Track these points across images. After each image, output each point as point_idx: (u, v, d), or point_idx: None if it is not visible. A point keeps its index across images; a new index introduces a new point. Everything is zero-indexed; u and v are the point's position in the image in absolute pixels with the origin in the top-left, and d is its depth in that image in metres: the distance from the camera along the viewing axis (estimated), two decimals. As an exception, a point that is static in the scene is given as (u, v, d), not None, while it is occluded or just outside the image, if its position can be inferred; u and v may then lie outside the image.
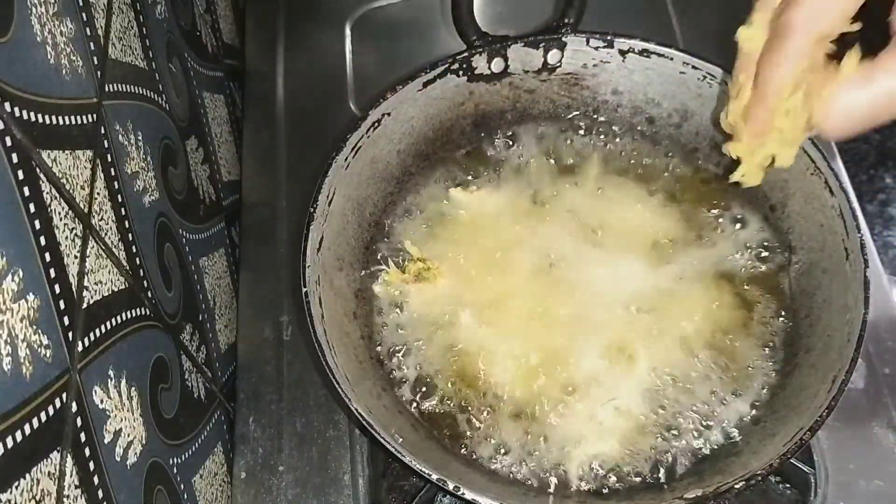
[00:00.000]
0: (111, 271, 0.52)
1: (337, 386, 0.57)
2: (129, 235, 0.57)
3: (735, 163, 0.54)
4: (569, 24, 0.72)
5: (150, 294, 0.59)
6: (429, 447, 0.62)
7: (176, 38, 0.77)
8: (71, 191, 0.47)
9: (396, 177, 0.74)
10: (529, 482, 0.61)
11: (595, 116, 0.76)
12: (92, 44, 0.54)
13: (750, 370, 0.64)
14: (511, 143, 0.76)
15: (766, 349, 0.65)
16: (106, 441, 0.47)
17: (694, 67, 0.70)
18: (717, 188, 0.72)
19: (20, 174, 0.41)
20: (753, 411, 0.63)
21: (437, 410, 0.64)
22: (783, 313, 0.66)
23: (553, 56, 0.73)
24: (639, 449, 0.62)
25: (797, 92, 0.47)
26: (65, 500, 0.41)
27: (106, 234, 0.52)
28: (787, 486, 0.69)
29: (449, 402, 0.65)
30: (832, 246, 0.64)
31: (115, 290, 0.52)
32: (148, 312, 0.58)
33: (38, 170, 0.43)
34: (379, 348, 0.67)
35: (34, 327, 0.40)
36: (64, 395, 0.42)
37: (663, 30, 0.92)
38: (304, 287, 0.60)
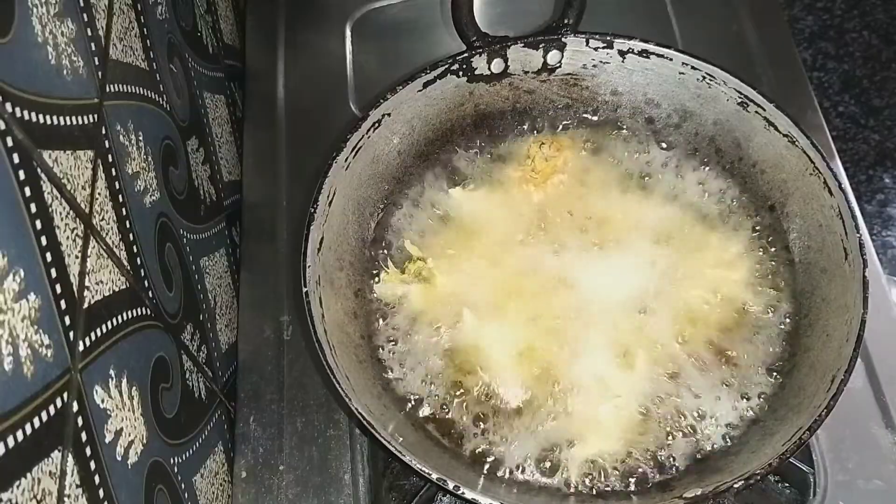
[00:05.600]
0: (112, 271, 0.52)
1: (337, 386, 0.57)
2: (130, 235, 0.57)
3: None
4: (568, 24, 0.72)
5: (150, 294, 0.59)
6: (429, 447, 0.62)
7: (177, 39, 0.78)
8: (72, 191, 0.47)
9: (396, 177, 0.74)
10: (529, 482, 0.61)
11: (595, 117, 0.77)
12: (93, 44, 0.55)
13: (749, 370, 0.64)
14: (510, 143, 0.76)
15: (765, 349, 0.65)
16: (107, 440, 0.47)
17: (693, 68, 0.70)
18: (716, 189, 0.72)
19: (21, 174, 0.41)
20: (752, 411, 0.63)
21: (438, 410, 0.65)
22: (782, 313, 0.67)
23: (553, 57, 0.73)
24: (639, 448, 0.62)
25: None
26: (66, 499, 0.41)
27: (107, 234, 0.52)
28: (787, 485, 0.69)
29: (449, 402, 0.65)
30: (831, 246, 0.64)
31: (116, 289, 0.52)
32: (149, 312, 0.58)
33: (39, 170, 0.43)
34: (379, 348, 0.67)
35: (35, 327, 0.40)
36: (65, 395, 0.42)
37: (663, 30, 0.92)
38: (305, 287, 0.61)
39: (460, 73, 0.72)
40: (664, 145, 0.75)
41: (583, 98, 0.76)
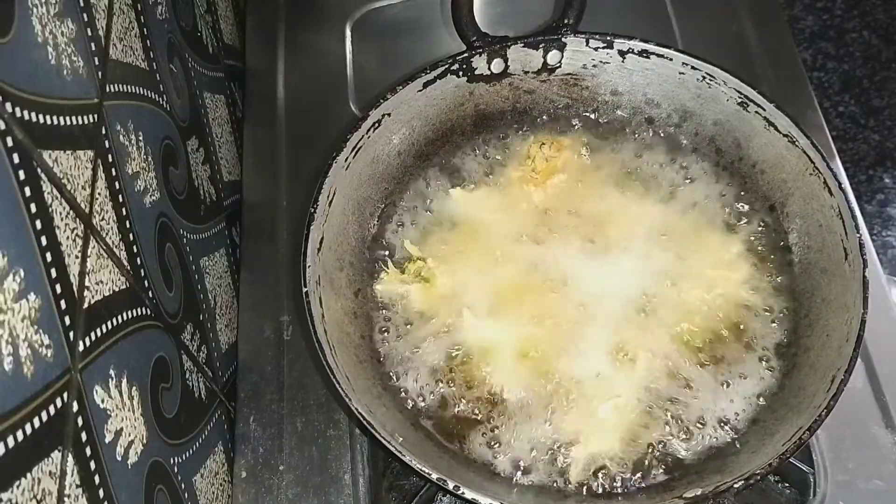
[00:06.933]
0: (112, 271, 0.52)
1: (337, 385, 0.57)
2: (130, 235, 0.57)
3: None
4: (568, 24, 0.72)
5: (150, 294, 0.59)
6: (429, 447, 0.62)
7: (177, 39, 0.78)
8: (72, 191, 0.47)
9: (396, 177, 0.74)
10: (529, 481, 0.61)
11: (595, 117, 0.77)
12: (93, 44, 0.55)
13: (749, 369, 0.64)
14: (510, 143, 0.76)
15: (766, 349, 0.65)
16: (107, 441, 0.47)
17: (693, 68, 0.70)
18: (716, 189, 0.72)
19: (21, 174, 0.41)
20: (752, 411, 0.63)
21: (437, 410, 0.65)
22: (782, 313, 0.67)
23: (553, 57, 0.73)
24: (638, 448, 0.62)
25: None
26: (66, 499, 0.41)
27: (107, 234, 0.52)
28: (787, 485, 0.69)
29: (449, 402, 0.65)
30: (831, 246, 0.64)
31: (116, 289, 0.52)
32: (149, 312, 0.58)
33: (39, 170, 0.43)
34: (379, 348, 0.67)
35: (35, 327, 0.40)
36: (65, 395, 0.42)
37: (663, 30, 0.92)
38: (305, 287, 0.61)
39: (460, 73, 0.72)
40: (664, 145, 0.75)
41: (583, 98, 0.76)
